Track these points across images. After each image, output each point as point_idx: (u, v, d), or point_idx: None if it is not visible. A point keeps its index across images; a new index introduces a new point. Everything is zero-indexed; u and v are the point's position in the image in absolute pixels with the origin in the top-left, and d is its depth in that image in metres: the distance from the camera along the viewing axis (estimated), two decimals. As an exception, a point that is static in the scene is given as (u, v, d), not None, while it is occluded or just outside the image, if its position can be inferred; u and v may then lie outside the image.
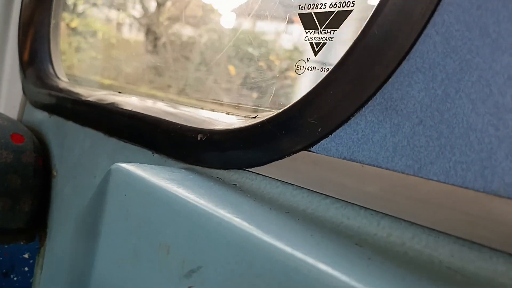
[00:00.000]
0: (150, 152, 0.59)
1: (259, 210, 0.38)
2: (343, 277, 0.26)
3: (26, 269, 0.82)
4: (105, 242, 0.44)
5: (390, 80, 0.37)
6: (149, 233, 0.39)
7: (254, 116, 0.54)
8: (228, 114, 0.59)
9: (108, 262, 0.43)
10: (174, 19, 1.20)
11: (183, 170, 0.49)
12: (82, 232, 0.54)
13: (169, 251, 0.37)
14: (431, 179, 0.33)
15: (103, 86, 1.22)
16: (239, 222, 0.33)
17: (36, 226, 0.82)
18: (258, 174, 0.45)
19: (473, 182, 0.31)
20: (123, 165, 0.45)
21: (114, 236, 0.43)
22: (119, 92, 0.79)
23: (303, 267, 0.28)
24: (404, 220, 0.34)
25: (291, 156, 0.42)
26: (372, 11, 0.39)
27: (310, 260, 0.28)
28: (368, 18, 0.40)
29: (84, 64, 1.35)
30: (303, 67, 0.55)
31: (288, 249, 0.29)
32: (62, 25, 1.15)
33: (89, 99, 0.74)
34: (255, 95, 0.67)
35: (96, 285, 0.45)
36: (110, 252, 0.43)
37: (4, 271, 0.79)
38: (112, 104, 0.68)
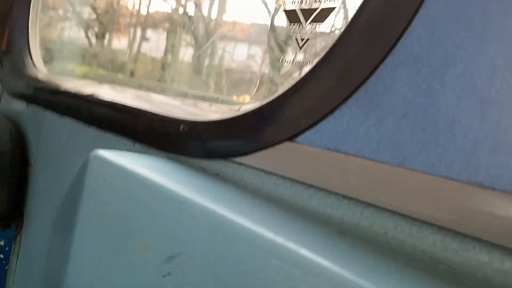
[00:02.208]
0: (130, 142, 0.58)
1: (241, 199, 0.37)
2: (325, 262, 0.26)
3: (2, 256, 0.82)
4: (82, 231, 0.43)
5: (374, 74, 0.37)
6: (128, 221, 0.38)
7: (238, 109, 0.54)
8: (211, 105, 0.58)
9: (85, 253, 0.42)
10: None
11: (164, 158, 0.48)
12: (59, 221, 0.53)
13: (149, 238, 0.36)
14: (415, 170, 0.33)
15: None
16: (221, 209, 0.32)
17: (13, 214, 0.81)
18: (241, 164, 0.45)
19: (458, 173, 0.31)
20: (103, 152, 0.44)
21: (91, 224, 0.42)
22: (99, 83, 0.78)
23: (285, 253, 0.27)
24: (387, 210, 0.34)
25: (275, 147, 0.42)
26: (358, 5, 0.39)
27: (291, 245, 0.27)
28: (354, 12, 0.40)
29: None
30: (287, 61, 0.55)
31: (269, 234, 0.29)
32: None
33: (68, 89, 0.73)
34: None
35: (72, 275, 0.44)
36: (87, 240, 0.42)
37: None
38: (92, 94, 0.67)
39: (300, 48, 0.54)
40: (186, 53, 1.17)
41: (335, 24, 0.51)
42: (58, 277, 0.47)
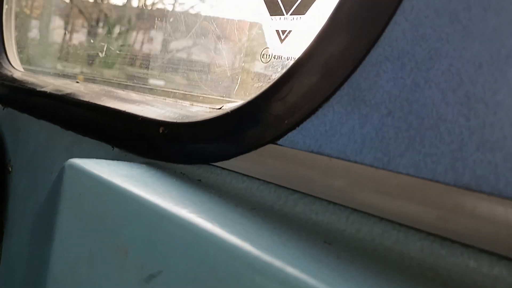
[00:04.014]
0: (109, 146, 0.56)
1: (223, 208, 0.36)
2: (311, 281, 0.25)
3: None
4: (60, 244, 0.41)
5: (358, 69, 0.36)
6: (106, 235, 0.37)
7: (219, 107, 0.52)
8: (192, 105, 0.57)
9: (63, 266, 0.41)
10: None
11: (143, 165, 0.46)
12: (39, 231, 0.51)
13: (127, 254, 0.34)
14: (400, 173, 0.32)
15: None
16: (202, 223, 0.31)
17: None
18: (223, 168, 0.43)
19: (444, 175, 0.30)
20: (78, 161, 0.42)
21: (69, 238, 0.41)
22: (77, 82, 0.75)
23: (270, 271, 0.26)
24: (374, 216, 0.32)
25: (257, 150, 0.40)
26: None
27: (277, 263, 0.26)
28: (335, 5, 0.38)
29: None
30: (269, 55, 0.53)
31: (254, 251, 0.27)
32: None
33: (44, 89, 0.70)
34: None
35: (52, 283, 0.42)
36: (65, 255, 0.41)
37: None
38: (69, 94, 0.64)
39: (282, 40, 0.52)
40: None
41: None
42: (39, 285, 0.45)
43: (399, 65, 0.34)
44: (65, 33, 1.22)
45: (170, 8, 0.96)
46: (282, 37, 0.52)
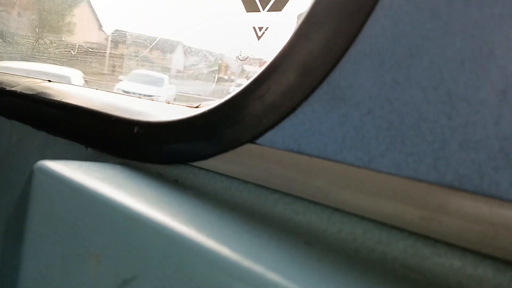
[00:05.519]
0: (83, 147, 0.54)
1: (201, 210, 0.34)
2: (292, 286, 0.24)
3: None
4: (30, 251, 0.40)
5: (336, 67, 0.35)
6: (78, 240, 0.35)
7: (196, 106, 0.50)
8: (168, 103, 0.55)
9: (34, 274, 0.39)
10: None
11: (118, 166, 0.44)
12: (10, 237, 0.49)
13: (100, 260, 0.33)
14: (382, 172, 0.31)
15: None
16: (177, 227, 0.29)
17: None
18: (201, 168, 0.42)
19: (426, 174, 0.29)
20: (48, 163, 0.40)
21: (40, 244, 0.39)
22: (49, 81, 0.73)
23: (249, 277, 0.25)
24: (355, 215, 0.32)
25: (235, 149, 0.39)
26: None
27: (257, 268, 0.25)
28: (313, 1, 0.37)
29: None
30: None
31: (232, 256, 0.26)
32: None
33: (15, 88, 0.67)
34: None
35: None
36: (36, 262, 0.39)
37: None
38: (40, 94, 0.62)
39: (259, 37, 0.51)
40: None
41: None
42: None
43: (379, 63, 0.33)
44: None
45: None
46: (259, 33, 0.51)
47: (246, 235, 0.30)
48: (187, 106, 0.51)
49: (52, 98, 0.60)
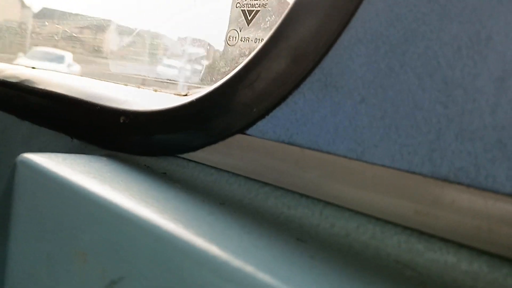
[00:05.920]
0: (68, 138, 0.53)
1: (190, 205, 0.33)
2: (284, 287, 0.23)
3: None
4: (16, 248, 0.38)
5: (329, 53, 0.34)
6: (63, 238, 0.34)
7: (184, 94, 0.49)
8: (156, 91, 0.53)
9: (20, 272, 0.38)
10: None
11: (104, 158, 0.43)
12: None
13: (86, 259, 0.32)
14: (375, 164, 0.30)
15: None
16: (165, 224, 0.28)
17: None
18: (190, 160, 0.41)
19: (421, 166, 0.28)
20: (31, 156, 0.38)
21: (25, 241, 0.37)
22: (33, 68, 0.71)
23: (239, 277, 0.24)
24: (348, 209, 0.31)
25: (225, 140, 0.38)
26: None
27: (247, 268, 0.24)
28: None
29: None
30: (235, 37, 0.50)
31: (222, 256, 0.25)
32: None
33: (-3, 76, 0.65)
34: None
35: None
36: (22, 259, 0.38)
37: None
38: (24, 81, 0.60)
39: (249, 23, 0.50)
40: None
41: None
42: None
43: (373, 48, 0.32)
44: None
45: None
46: (249, 17, 0.49)
47: (237, 232, 0.29)
48: (175, 94, 0.50)
49: (36, 86, 0.58)
